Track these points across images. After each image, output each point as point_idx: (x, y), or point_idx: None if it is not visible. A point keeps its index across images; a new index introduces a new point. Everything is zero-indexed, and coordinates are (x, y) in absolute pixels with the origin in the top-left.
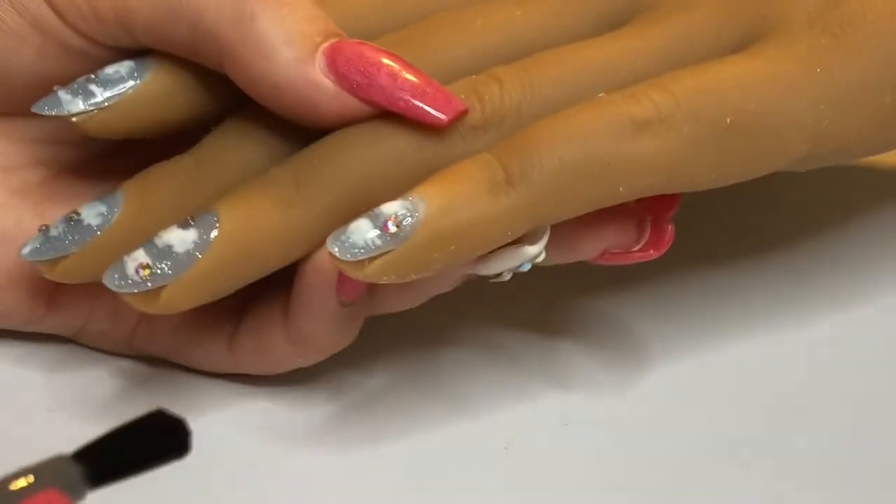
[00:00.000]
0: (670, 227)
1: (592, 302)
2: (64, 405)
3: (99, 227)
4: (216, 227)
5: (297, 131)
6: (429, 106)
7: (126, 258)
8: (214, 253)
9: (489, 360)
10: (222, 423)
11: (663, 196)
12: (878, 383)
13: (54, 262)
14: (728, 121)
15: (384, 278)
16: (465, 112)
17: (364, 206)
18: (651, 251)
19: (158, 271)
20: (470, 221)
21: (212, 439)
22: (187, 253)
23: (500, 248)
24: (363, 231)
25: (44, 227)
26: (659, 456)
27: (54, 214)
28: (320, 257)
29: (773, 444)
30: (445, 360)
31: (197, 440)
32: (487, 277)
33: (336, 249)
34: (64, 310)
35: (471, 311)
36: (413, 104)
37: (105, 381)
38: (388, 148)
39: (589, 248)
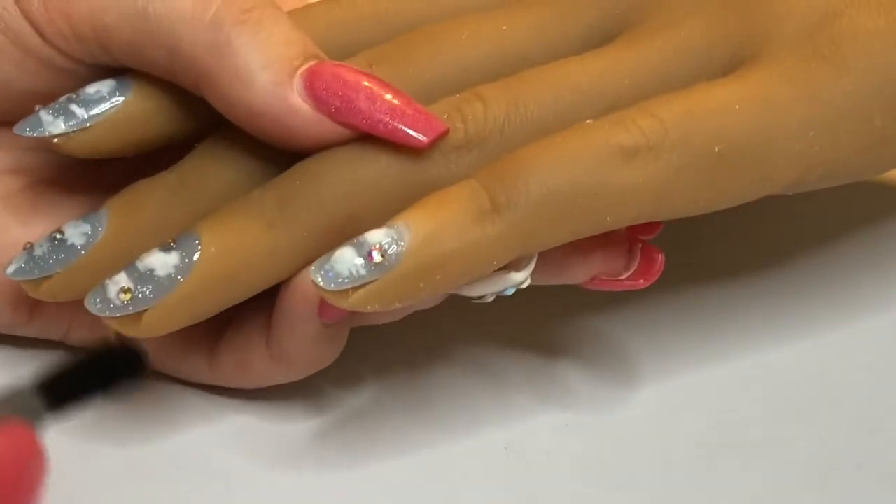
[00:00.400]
0: (660, 257)
1: (587, 309)
2: None
3: (83, 246)
4: (198, 250)
5: (283, 149)
6: (409, 128)
7: (107, 282)
8: (196, 276)
9: (478, 370)
10: (205, 436)
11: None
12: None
13: (39, 281)
14: (717, 149)
15: (368, 307)
16: (445, 132)
17: (348, 227)
18: (640, 280)
19: (140, 295)
20: (456, 250)
21: (194, 453)
22: (169, 276)
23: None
24: (347, 260)
25: (28, 246)
26: (657, 459)
27: (36, 220)
28: (303, 279)
29: (770, 450)
30: (435, 368)
31: (179, 454)
32: (471, 299)
33: (319, 279)
34: (46, 317)
35: (460, 320)
36: (392, 126)
37: None
38: (370, 169)
39: (577, 274)
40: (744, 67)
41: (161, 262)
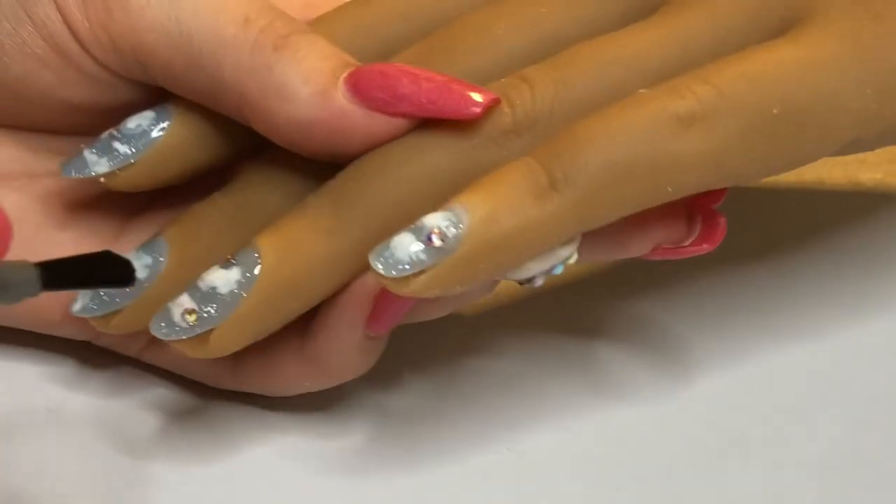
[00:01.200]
0: (722, 220)
1: (587, 310)
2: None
3: (147, 279)
4: (258, 263)
5: (336, 160)
6: (458, 102)
7: (171, 305)
8: (259, 290)
9: (479, 371)
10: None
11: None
12: None
13: (108, 317)
14: (774, 111)
15: (429, 293)
16: (497, 101)
17: (406, 223)
18: (704, 245)
19: (205, 315)
20: (516, 229)
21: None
22: (232, 293)
23: None
24: (406, 245)
25: None
26: (658, 460)
27: (71, 224)
28: (355, 288)
29: (770, 450)
30: (435, 369)
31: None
32: (519, 282)
33: (379, 266)
34: (77, 319)
35: (460, 321)
36: (442, 103)
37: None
38: (422, 163)
39: (639, 246)
40: (794, 29)
41: (223, 279)
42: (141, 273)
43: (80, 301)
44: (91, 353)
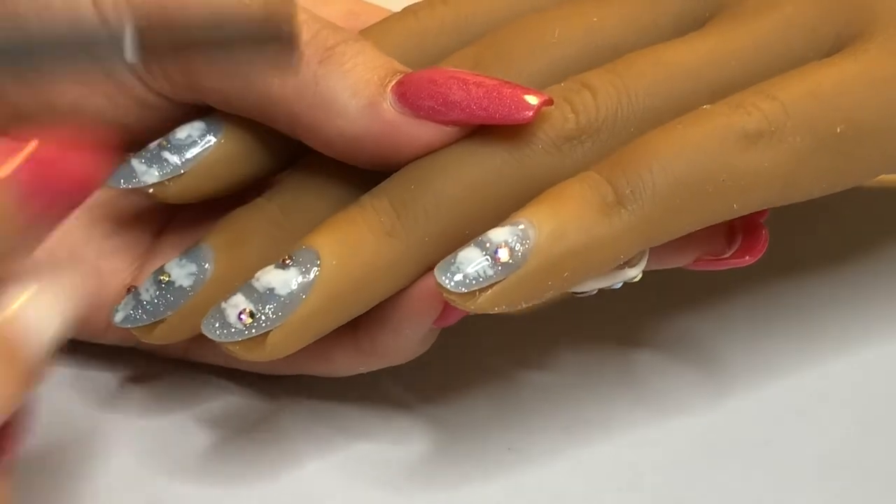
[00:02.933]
0: (764, 232)
1: (587, 311)
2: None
3: (192, 287)
4: (317, 265)
5: (390, 170)
6: (510, 107)
7: (225, 305)
8: (319, 291)
9: (480, 371)
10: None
11: None
12: None
13: (151, 326)
14: (839, 129)
15: (496, 308)
16: (549, 102)
17: (465, 227)
18: (747, 257)
19: (263, 316)
20: (583, 245)
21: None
22: (291, 294)
23: None
24: (473, 260)
25: (133, 290)
26: (658, 460)
27: (115, 232)
28: (424, 286)
29: (770, 450)
30: (437, 369)
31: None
32: (574, 294)
33: (446, 282)
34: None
35: (462, 321)
36: (493, 110)
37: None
38: (484, 166)
39: (680, 257)
40: (852, 45)
41: (280, 279)
42: (185, 281)
43: (122, 311)
44: (133, 365)
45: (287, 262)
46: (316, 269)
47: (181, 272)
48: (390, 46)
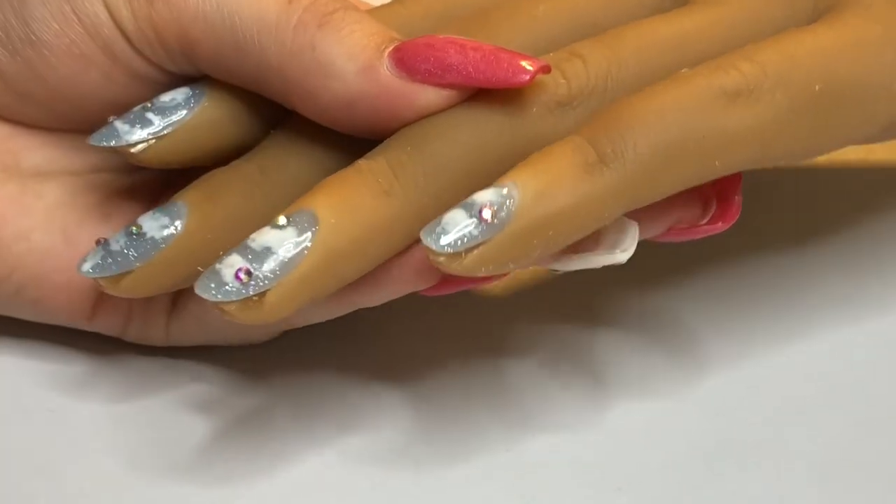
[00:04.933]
0: (737, 198)
1: (586, 310)
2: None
3: (164, 240)
4: (316, 224)
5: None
6: (506, 70)
7: (220, 266)
8: (318, 250)
9: (479, 372)
10: None
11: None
12: None
13: (118, 277)
14: (817, 88)
15: (481, 270)
16: (546, 69)
17: (460, 190)
18: (719, 223)
19: (260, 275)
20: (567, 205)
21: None
22: (289, 252)
23: (590, 251)
24: (458, 222)
25: (102, 241)
26: (658, 461)
27: (112, 214)
28: (418, 252)
29: (770, 451)
30: (436, 370)
31: None
32: (555, 271)
33: (431, 243)
34: (107, 313)
35: (461, 320)
36: (490, 73)
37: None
38: (480, 129)
39: (655, 225)
40: (829, 14)
41: (277, 238)
42: (157, 233)
43: (91, 261)
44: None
45: (283, 221)
46: (314, 228)
47: (154, 224)
48: None
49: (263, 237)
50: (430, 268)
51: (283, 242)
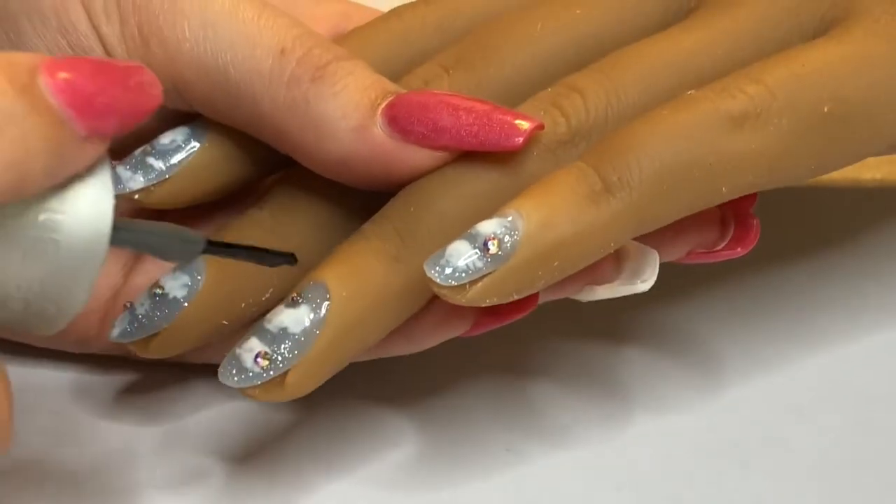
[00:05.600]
0: (755, 222)
1: (587, 311)
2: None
3: (185, 298)
4: (328, 298)
5: (382, 190)
6: (499, 134)
7: (240, 351)
8: (332, 325)
9: (479, 372)
10: None
11: None
12: None
13: (146, 340)
14: (825, 109)
15: (487, 300)
16: (540, 127)
17: None
18: (738, 248)
19: (279, 357)
20: (572, 234)
21: None
22: (304, 331)
23: (609, 282)
24: (462, 253)
25: (128, 305)
26: (658, 460)
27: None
28: (442, 304)
29: (770, 450)
30: (435, 370)
31: None
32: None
33: (435, 275)
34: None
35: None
36: (483, 137)
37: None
38: (481, 179)
39: (673, 250)
40: (836, 28)
41: (292, 317)
42: (179, 293)
43: (119, 326)
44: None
45: (297, 298)
46: (327, 303)
47: (175, 284)
48: (376, 48)
49: (279, 317)
50: (461, 313)
51: (297, 321)
